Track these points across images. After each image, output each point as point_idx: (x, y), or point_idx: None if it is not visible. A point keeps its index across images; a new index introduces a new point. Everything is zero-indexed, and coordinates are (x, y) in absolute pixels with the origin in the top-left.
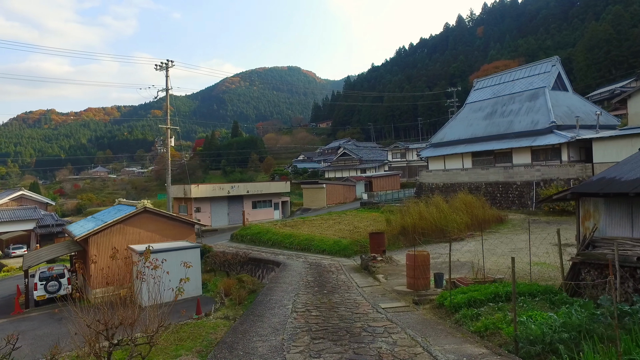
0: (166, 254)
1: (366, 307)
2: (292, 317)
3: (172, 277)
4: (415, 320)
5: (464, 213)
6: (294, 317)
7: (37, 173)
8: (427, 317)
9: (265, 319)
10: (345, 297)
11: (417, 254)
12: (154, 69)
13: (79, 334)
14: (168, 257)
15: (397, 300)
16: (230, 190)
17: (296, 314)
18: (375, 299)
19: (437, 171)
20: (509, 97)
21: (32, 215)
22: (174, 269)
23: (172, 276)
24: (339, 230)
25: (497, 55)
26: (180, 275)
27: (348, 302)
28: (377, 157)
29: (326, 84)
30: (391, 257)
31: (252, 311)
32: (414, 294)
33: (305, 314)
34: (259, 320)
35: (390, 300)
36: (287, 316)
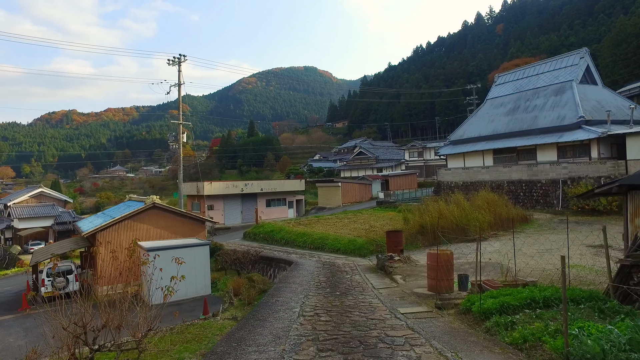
0: (173, 251)
1: (383, 311)
2: (298, 322)
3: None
4: (441, 328)
5: (487, 212)
6: (300, 323)
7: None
8: (454, 325)
9: (267, 324)
10: (360, 300)
11: (439, 253)
12: (167, 64)
13: (57, 337)
14: (176, 255)
15: (418, 304)
16: (243, 188)
17: (303, 318)
18: (392, 302)
19: (457, 169)
20: (532, 92)
21: (50, 212)
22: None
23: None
24: (354, 229)
25: (517, 53)
26: (189, 273)
27: (362, 306)
28: (393, 156)
29: (342, 83)
30: (409, 256)
31: (254, 314)
32: (436, 297)
33: (313, 319)
34: (259, 325)
35: (409, 304)
36: (293, 321)
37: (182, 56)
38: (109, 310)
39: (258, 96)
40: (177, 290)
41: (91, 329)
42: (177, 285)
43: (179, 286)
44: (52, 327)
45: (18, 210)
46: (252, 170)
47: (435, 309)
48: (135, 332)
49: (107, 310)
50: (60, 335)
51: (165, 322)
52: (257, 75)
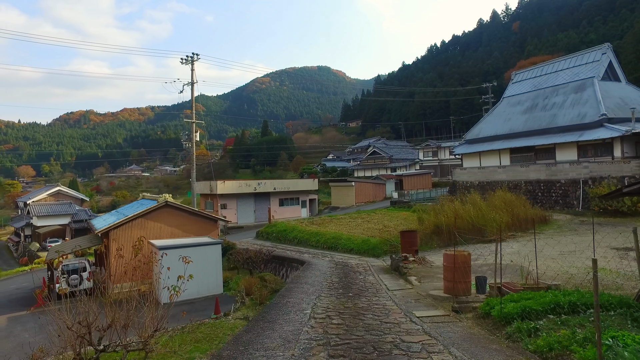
0: (185, 249)
1: (398, 314)
2: (308, 324)
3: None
4: (460, 334)
5: (504, 212)
6: (310, 326)
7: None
8: (473, 330)
9: (276, 327)
10: (373, 302)
11: (456, 254)
12: (180, 62)
13: (62, 336)
14: (187, 253)
15: (434, 307)
16: (257, 187)
17: (314, 320)
18: (407, 304)
19: (472, 169)
20: (551, 90)
21: (67, 210)
22: (193, 266)
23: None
24: (367, 229)
25: (534, 50)
26: (200, 272)
27: (376, 308)
28: (407, 155)
29: (356, 83)
30: (424, 257)
31: (263, 316)
32: (453, 300)
33: (324, 322)
34: (269, 327)
35: (425, 307)
36: (304, 324)
37: (195, 55)
38: (115, 310)
39: (272, 96)
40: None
41: (97, 328)
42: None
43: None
44: (58, 326)
45: (37, 208)
46: (265, 169)
47: (452, 313)
48: (142, 332)
49: (114, 309)
50: (65, 335)
51: (177, 321)
52: (271, 75)
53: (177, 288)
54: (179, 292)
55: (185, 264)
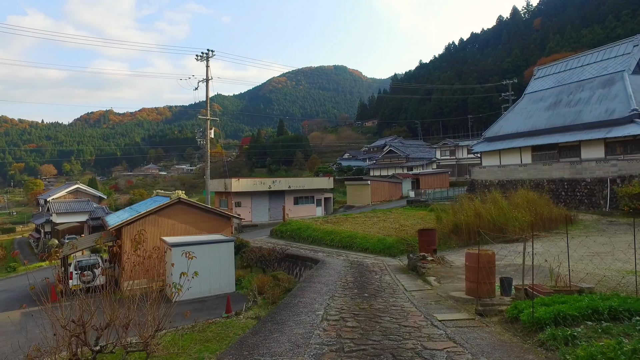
0: (197, 247)
1: (417, 317)
2: (321, 327)
3: (203, 272)
4: (489, 341)
5: (527, 211)
6: (323, 328)
7: (96, 169)
8: (503, 337)
9: (285, 329)
10: (390, 303)
11: (480, 253)
12: (195, 59)
13: (58, 335)
14: (198, 251)
15: (456, 309)
16: (271, 185)
17: (327, 323)
18: (427, 306)
19: (492, 167)
20: (576, 85)
21: (85, 208)
22: (205, 263)
23: (204, 270)
24: (383, 228)
25: (556, 47)
26: (212, 270)
27: (394, 310)
28: (424, 154)
29: (372, 82)
30: (443, 257)
31: (272, 317)
32: (477, 302)
33: (338, 324)
34: (277, 330)
35: (447, 310)
36: (315, 326)
37: (210, 51)
38: (115, 308)
39: (288, 95)
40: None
41: (94, 327)
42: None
43: (203, 283)
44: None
45: (56, 205)
46: (281, 168)
47: (476, 316)
48: (143, 331)
49: (114, 307)
50: (61, 334)
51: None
52: (287, 74)
53: (179, 286)
54: (180, 290)
55: (189, 259)
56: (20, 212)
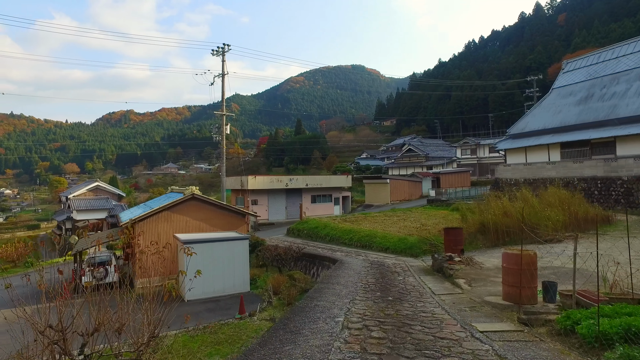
0: (211, 244)
1: (454, 327)
2: (341, 338)
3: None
4: None
5: (560, 210)
6: (344, 339)
7: (117, 168)
8: (569, 358)
9: (299, 340)
10: (419, 309)
11: (522, 254)
12: (211, 54)
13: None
14: (212, 249)
15: (497, 318)
16: (288, 182)
17: (348, 332)
18: (462, 313)
19: (517, 165)
20: (610, 78)
21: (104, 205)
22: (219, 262)
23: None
24: (404, 227)
25: (582, 43)
26: (226, 269)
27: (424, 317)
28: (444, 154)
29: (390, 82)
30: (472, 258)
31: (285, 324)
32: (519, 309)
33: (361, 335)
34: (290, 340)
35: (486, 318)
36: (335, 336)
37: (226, 45)
38: (107, 310)
39: (306, 95)
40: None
41: (80, 333)
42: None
43: (217, 282)
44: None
45: (76, 202)
46: (298, 168)
47: (523, 327)
48: (137, 338)
49: (106, 309)
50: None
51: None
52: (305, 74)
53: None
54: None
55: (188, 256)
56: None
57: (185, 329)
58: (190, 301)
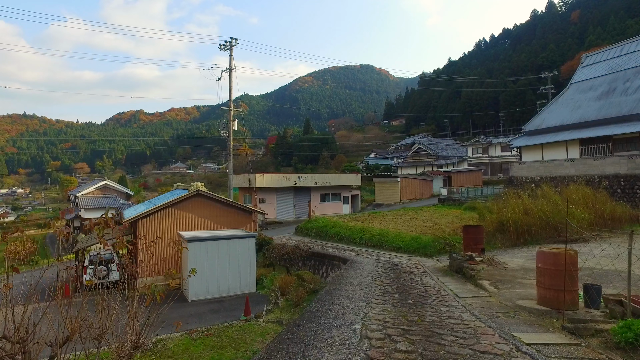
0: (215, 242)
1: (491, 337)
2: (361, 351)
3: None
4: None
5: (584, 208)
6: (364, 353)
7: (126, 168)
8: None
9: (311, 354)
10: (444, 314)
11: (561, 253)
12: (218, 48)
13: None
14: (217, 247)
15: (539, 326)
16: (297, 181)
17: (369, 343)
18: (496, 320)
19: (533, 163)
20: (634, 71)
21: (112, 204)
22: (224, 261)
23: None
24: (415, 226)
25: (597, 40)
26: (231, 268)
27: (454, 324)
28: (454, 153)
29: (399, 81)
30: (494, 257)
31: (294, 332)
32: (563, 318)
33: (385, 348)
34: (300, 355)
35: (526, 326)
36: (353, 350)
37: (234, 39)
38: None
39: (314, 95)
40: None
41: (48, 343)
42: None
43: (222, 282)
44: None
45: (84, 201)
46: (307, 167)
47: (571, 337)
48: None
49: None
50: None
51: (202, 321)
52: (314, 74)
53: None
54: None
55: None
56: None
57: (188, 331)
58: (194, 301)
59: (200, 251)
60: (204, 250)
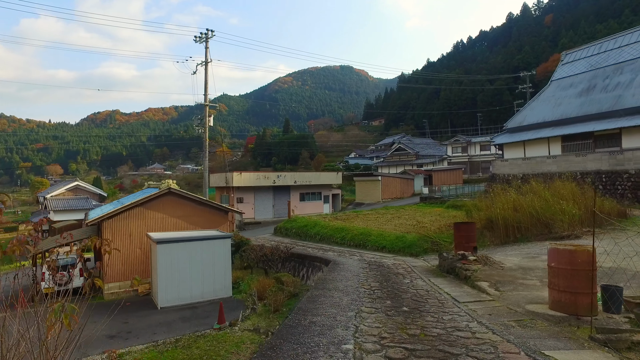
0: (187, 244)
1: (515, 356)
2: None
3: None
4: None
5: (574, 203)
6: None
7: (102, 169)
8: None
9: None
10: (448, 324)
11: (577, 250)
12: (193, 41)
13: None
14: (190, 248)
15: (569, 339)
16: (276, 179)
17: None
18: (512, 331)
19: (515, 160)
20: (613, 68)
21: (83, 205)
22: (197, 263)
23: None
24: (399, 225)
25: (569, 43)
26: (205, 271)
27: (464, 338)
28: (434, 152)
29: (379, 82)
30: (488, 256)
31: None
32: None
33: None
34: None
35: (553, 340)
36: None
37: (210, 31)
38: None
39: (294, 95)
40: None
41: None
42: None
43: (195, 286)
44: None
45: (53, 202)
46: (286, 168)
47: (613, 354)
48: None
49: None
50: None
51: (173, 331)
52: (293, 74)
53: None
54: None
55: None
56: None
57: (154, 342)
58: (164, 308)
59: (171, 254)
60: (174, 252)
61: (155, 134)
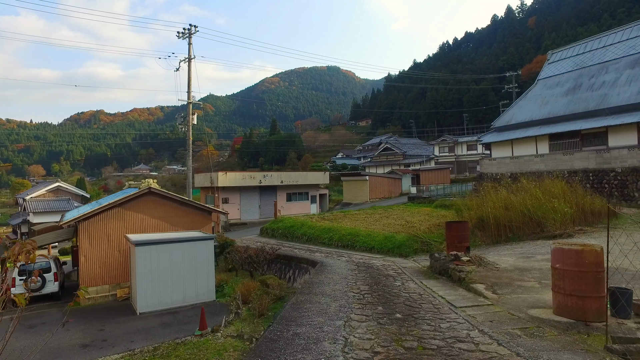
0: (168, 245)
1: None
2: None
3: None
4: None
5: (565, 202)
6: None
7: (86, 170)
8: None
9: None
10: (447, 333)
11: (584, 250)
12: (176, 36)
13: None
14: (170, 250)
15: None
16: (262, 179)
17: None
18: (519, 342)
19: (503, 159)
20: (599, 67)
21: (65, 207)
22: (178, 266)
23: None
24: (387, 224)
25: (551, 45)
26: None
27: (468, 352)
28: (422, 152)
29: (365, 83)
30: (481, 257)
31: None
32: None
33: None
34: None
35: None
36: None
37: (193, 27)
38: None
39: (281, 96)
40: None
41: None
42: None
43: (176, 290)
44: None
45: (33, 204)
46: (273, 168)
47: None
48: None
49: None
50: None
51: (152, 338)
52: (280, 75)
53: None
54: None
55: None
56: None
57: (131, 351)
58: (143, 314)
59: (151, 256)
60: (154, 255)
61: (141, 134)
